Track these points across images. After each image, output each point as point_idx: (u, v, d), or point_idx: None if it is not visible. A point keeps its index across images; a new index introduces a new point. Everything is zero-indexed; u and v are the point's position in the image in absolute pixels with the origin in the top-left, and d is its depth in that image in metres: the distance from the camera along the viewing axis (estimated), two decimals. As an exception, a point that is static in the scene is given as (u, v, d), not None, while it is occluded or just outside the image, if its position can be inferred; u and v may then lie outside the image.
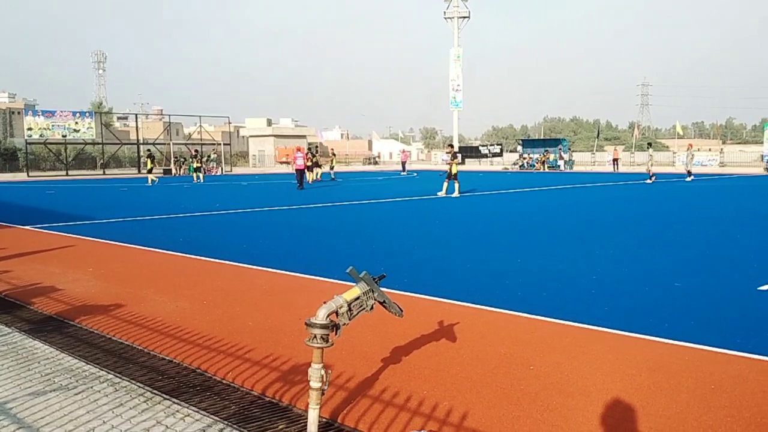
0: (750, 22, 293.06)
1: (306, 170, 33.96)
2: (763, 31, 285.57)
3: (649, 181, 31.25)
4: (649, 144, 39.16)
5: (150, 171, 37.24)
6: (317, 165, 39.99)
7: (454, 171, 23.93)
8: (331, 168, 42.63)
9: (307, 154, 33.94)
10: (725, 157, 56.97)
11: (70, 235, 13.14)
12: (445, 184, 23.95)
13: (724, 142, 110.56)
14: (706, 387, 4.28)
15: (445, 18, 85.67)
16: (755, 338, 5.37)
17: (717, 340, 5.28)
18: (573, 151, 65.60)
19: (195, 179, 41.18)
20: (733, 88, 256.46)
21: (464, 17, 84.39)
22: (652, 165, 33.52)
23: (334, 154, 45.01)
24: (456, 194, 23.61)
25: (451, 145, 30.94)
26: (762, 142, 51.81)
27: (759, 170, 46.60)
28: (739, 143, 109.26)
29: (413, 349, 5.19)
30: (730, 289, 7.34)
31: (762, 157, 48.65)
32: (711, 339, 5.32)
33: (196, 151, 50.67)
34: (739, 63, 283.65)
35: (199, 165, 43.33)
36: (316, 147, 43.08)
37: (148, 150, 44.64)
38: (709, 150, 62.02)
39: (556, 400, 4.10)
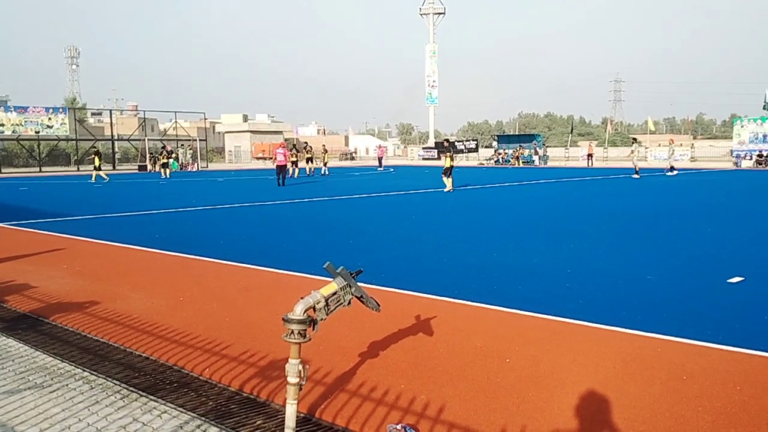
0: (719, 18, 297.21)
1: (292, 165, 34.01)
2: (732, 28, 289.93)
3: (635, 176, 31.33)
4: (634, 140, 39.58)
5: (98, 168, 35.77)
6: (310, 160, 39.94)
7: (447, 165, 23.99)
8: (325, 163, 42.86)
9: (292, 150, 33.87)
10: (696, 152, 57.81)
11: (43, 232, 12.99)
12: (449, 180, 23.95)
13: (694, 137, 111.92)
14: (678, 378, 4.36)
15: (421, 14, 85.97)
16: (725, 329, 5.48)
17: (689, 332, 5.37)
18: (547, 147, 66.08)
19: (163, 174, 41.29)
20: (703, 85, 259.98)
21: (439, 14, 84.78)
22: (637, 159, 33.71)
23: (325, 150, 45.07)
24: (448, 188, 23.67)
25: (447, 140, 30.93)
26: (731, 137, 52.59)
27: (728, 165, 47.30)
28: (710, 138, 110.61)
29: (390, 344, 5.21)
30: (700, 282, 7.46)
31: (731, 151, 49.37)
32: (683, 331, 5.41)
33: (163, 146, 50.62)
34: (709, 59, 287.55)
35: (165, 161, 43.67)
36: (305, 143, 43.29)
37: (94, 146, 43.97)
38: (681, 145, 62.78)
39: (531, 393, 4.15)
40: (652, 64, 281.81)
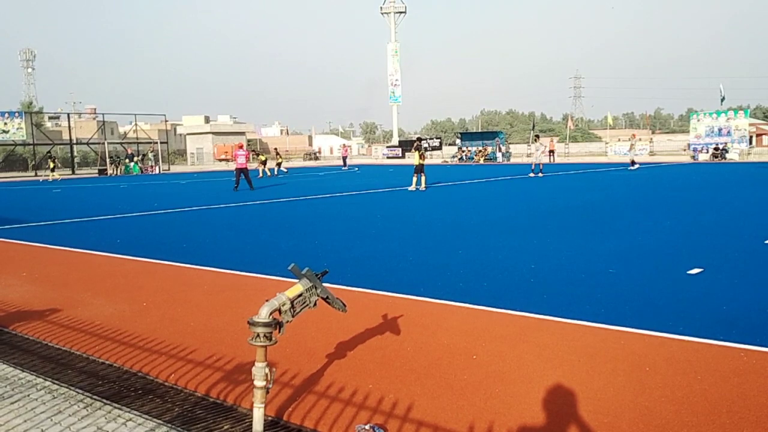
0: (674, 15, 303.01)
1: (262, 164, 34.01)
2: (687, 23, 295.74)
3: (540, 174, 30.88)
4: (537, 137, 38.60)
5: None
6: (264, 163, 40.01)
7: (416, 163, 23.92)
8: (278, 164, 43.65)
9: (250, 151, 33.79)
10: (655, 146, 58.88)
11: (0, 239, 12.69)
12: (415, 178, 23.87)
13: (653, 132, 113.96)
14: (641, 369, 4.44)
15: (382, 13, 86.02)
16: (685, 320, 5.59)
17: (651, 324, 5.47)
18: (510, 144, 66.65)
19: (50, 178, 42.49)
20: (660, 80, 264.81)
21: (400, 12, 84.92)
22: (540, 154, 33.40)
23: (277, 152, 45.85)
24: (412, 187, 23.65)
25: (420, 138, 30.81)
26: (689, 131, 53.63)
27: (686, 158, 48.23)
28: (668, 133, 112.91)
29: (357, 344, 5.21)
30: (661, 274, 7.59)
31: (688, 145, 50.36)
32: (645, 323, 5.51)
33: (48, 152, 51.02)
34: (666, 55, 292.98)
35: (54, 165, 45.71)
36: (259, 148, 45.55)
37: None
38: (640, 140, 63.89)
39: (498, 389, 4.19)
40: (611, 60, 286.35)
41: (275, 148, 51.51)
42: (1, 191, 32.52)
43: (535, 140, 35.77)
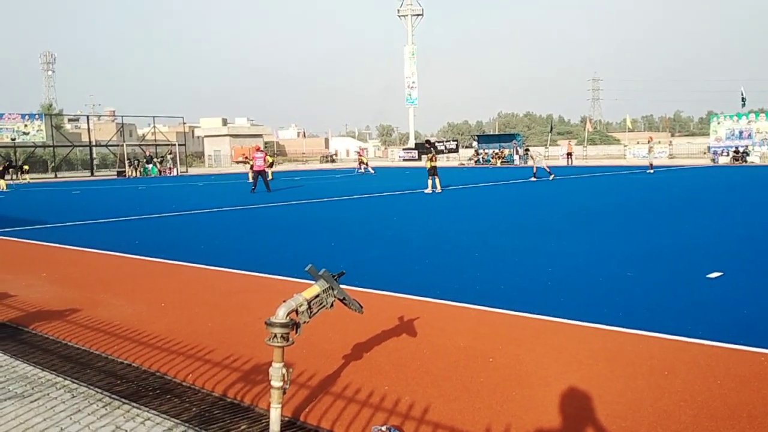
0: (693, 17, 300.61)
1: (270, 166, 34.14)
2: (707, 25, 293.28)
3: (551, 177, 30.98)
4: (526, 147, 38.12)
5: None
6: (271, 165, 40.23)
7: (428, 166, 23.82)
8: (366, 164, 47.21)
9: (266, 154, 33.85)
10: (674, 149, 58.44)
11: (21, 240, 12.84)
12: (430, 181, 23.78)
13: (672, 135, 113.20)
14: (660, 373, 4.40)
15: (399, 16, 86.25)
16: (705, 324, 5.53)
17: (670, 328, 5.42)
18: (527, 146, 66.45)
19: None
20: (680, 82, 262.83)
21: (418, 15, 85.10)
22: (541, 160, 32.83)
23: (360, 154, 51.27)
24: (428, 190, 23.54)
25: (429, 141, 30.84)
26: (708, 134, 53.18)
27: (706, 161, 47.82)
28: (687, 135, 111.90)
29: (374, 345, 5.21)
30: (680, 278, 7.53)
31: (708, 148, 49.92)
32: (664, 326, 5.46)
33: (2, 158, 51.45)
34: (686, 57, 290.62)
35: (20, 169, 46.61)
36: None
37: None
38: (659, 142, 63.47)
39: (515, 392, 4.17)
40: (630, 62, 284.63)
41: (357, 152, 55.07)
42: (21, 193, 32.89)
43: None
